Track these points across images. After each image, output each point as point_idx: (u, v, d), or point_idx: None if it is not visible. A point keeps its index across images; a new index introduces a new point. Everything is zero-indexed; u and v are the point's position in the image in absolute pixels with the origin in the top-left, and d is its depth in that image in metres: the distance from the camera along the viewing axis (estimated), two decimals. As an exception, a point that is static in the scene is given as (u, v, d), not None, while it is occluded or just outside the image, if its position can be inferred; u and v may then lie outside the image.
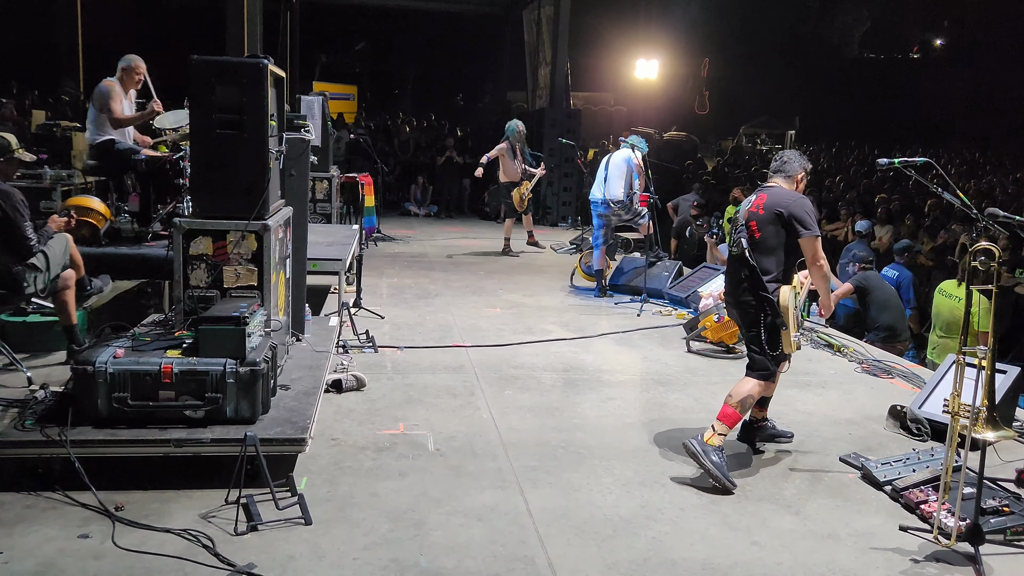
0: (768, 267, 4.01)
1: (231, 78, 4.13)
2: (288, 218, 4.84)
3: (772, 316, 3.97)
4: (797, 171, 4.22)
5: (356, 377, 5.06)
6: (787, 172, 4.22)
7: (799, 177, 4.23)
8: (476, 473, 3.94)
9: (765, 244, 4.02)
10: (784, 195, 4.08)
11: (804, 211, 4.00)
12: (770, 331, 4.00)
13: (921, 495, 3.72)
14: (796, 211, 3.99)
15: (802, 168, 4.25)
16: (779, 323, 3.96)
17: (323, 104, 9.34)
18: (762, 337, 4.02)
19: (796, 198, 4.06)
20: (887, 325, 7.37)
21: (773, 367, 4.07)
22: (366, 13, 25.38)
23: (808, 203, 4.08)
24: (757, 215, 4.07)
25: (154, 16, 23.37)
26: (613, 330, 7.02)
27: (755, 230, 4.06)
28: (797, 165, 4.23)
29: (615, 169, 8.30)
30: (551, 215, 15.12)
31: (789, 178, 4.21)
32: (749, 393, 4.02)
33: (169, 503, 3.43)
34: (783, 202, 4.02)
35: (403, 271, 9.44)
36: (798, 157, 4.27)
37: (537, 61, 17.85)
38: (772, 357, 4.03)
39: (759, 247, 4.04)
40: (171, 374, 3.59)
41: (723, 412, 4.00)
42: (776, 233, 4.02)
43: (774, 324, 3.98)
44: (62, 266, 5.02)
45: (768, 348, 4.01)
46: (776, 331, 3.99)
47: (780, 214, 4.00)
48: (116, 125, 6.06)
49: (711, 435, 3.94)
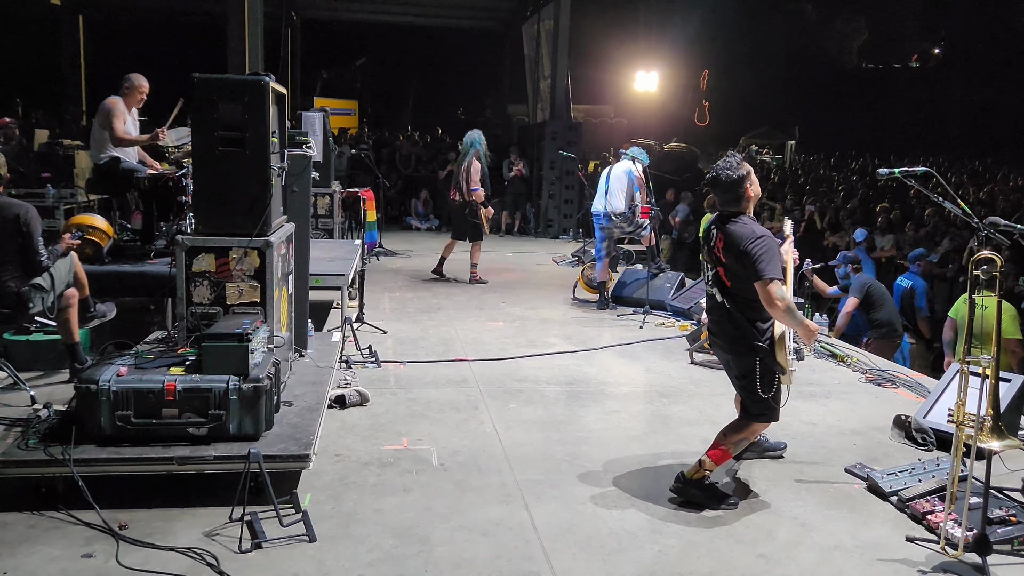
0: (751, 314, 3.67)
1: (233, 96, 4.14)
2: (290, 234, 4.85)
3: (769, 363, 3.68)
4: (744, 184, 3.69)
5: (359, 392, 5.06)
6: (736, 192, 3.70)
7: (747, 188, 3.70)
8: (481, 488, 3.93)
9: (740, 289, 3.67)
10: (741, 234, 3.61)
11: (762, 251, 3.53)
12: (764, 374, 3.69)
13: (928, 505, 3.71)
14: (752, 251, 3.54)
15: (744, 179, 3.68)
16: (777, 371, 3.67)
17: (324, 120, 9.38)
18: (756, 383, 3.71)
19: (751, 236, 3.58)
20: (886, 321, 7.45)
21: (774, 407, 3.77)
22: (366, 29, 25.53)
23: (768, 239, 3.58)
24: (722, 262, 3.72)
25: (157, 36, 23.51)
26: (616, 342, 7.02)
27: (724, 279, 3.73)
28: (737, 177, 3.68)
29: (616, 182, 8.31)
30: (552, 228, 15.15)
31: (739, 199, 3.71)
32: (745, 437, 3.82)
33: (173, 521, 3.43)
34: (742, 245, 3.58)
35: (405, 285, 9.44)
36: (727, 169, 3.70)
37: (537, 74, 17.93)
38: (772, 398, 3.73)
39: (735, 295, 3.70)
40: (174, 392, 3.59)
41: (713, 451, 3.79)
42: (746, 276, 3.61)
43: (770, 370, 3.69)
44: (66, 284, 5.03)
45: (763, 392, 3.70)
46: (772, 375, 3.70)
47: (741, 254, 3.59)
48: (117, 144, 6.09)
49: (696, 471, 3.77)
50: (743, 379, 3.78)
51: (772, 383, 3.71)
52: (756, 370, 3.71)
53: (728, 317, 3.74)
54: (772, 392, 3.73)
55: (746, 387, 3.78)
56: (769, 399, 3.74)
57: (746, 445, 3.93)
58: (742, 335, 3.70)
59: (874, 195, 15.37)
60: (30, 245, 4.73)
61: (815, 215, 13.19)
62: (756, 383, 3.71)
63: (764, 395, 3.72)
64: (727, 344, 3.83)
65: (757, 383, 3.71)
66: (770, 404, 3.75)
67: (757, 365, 3.70)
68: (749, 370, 3.73)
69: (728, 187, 3.72)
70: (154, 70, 6.80)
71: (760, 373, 3.70)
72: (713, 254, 3.78)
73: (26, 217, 4.72)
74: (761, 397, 3.72)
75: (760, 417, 3.80)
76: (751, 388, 3.74)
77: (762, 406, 3.76)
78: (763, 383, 3.71)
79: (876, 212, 12.10)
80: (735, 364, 3.83)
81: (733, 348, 3.80)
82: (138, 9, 22.21)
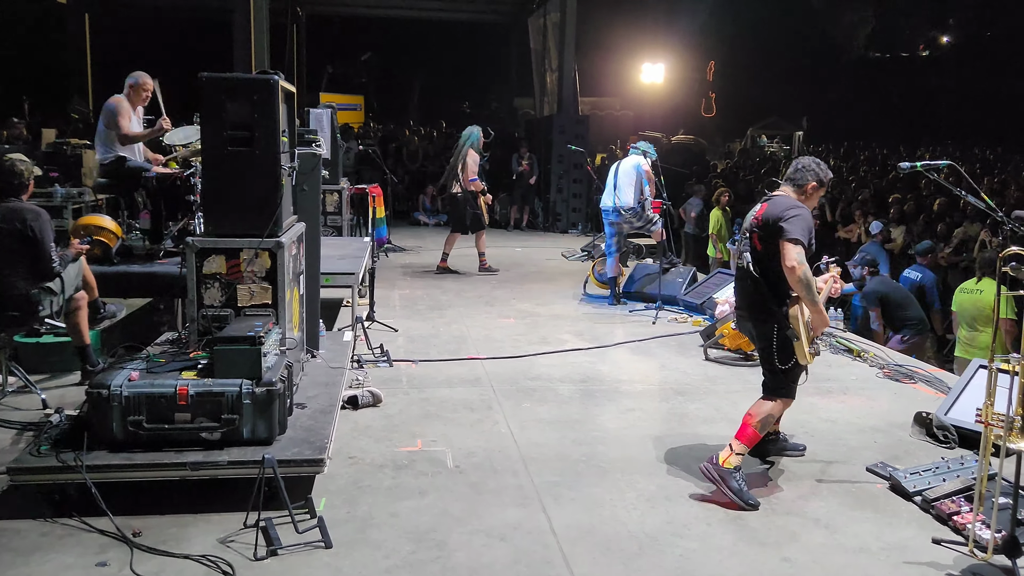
0: (774, 279, 3.81)
1: (242, 95, 4.08)
2: (301, 234, 4.79)
3: (782, 328, 3.78)
4: (808, 181, 3.95)
5: (372, 393, 5.01)
6: (797, 181, 3.97)
7: (809, 187, 3.95)
8: (497, 490, 3.88)
9: (768, 256, 3.82)
10: (783, 204, 3.84)
11: (793, 216, 3.73)
12: (781, 344, 3.81)
13: (953, 506, 3.63)
14: (784, 215, 3.75)
15: (815, 179, 3.95)
16: (790, 335, 3.76)
17: (332, 117, 9.32)
18: (773, 350, 3.83)
19: (791, 206, 3.82)
20: (918, 318, 7.46)
21: (789, 382, 3.90)
22: (371, 23, 25.48)
23: (804, 213, 3.80)
24: (757, 226, 3.87)
25: (162, 34, 23.49)
26: (629, 339, 6.95)
27: (756, 243, 3.88)
28: (810, 175, 3.96)
29: (625, 176, 8.24)
30: (561, 222, 15.07)
31: (799, 188, 3.96)
32: (769, 413, 3.87)
33: (187, 528, 3.38)
34: (778, 211, 3.79)
35: (415, 282, 9.39)
36: (815, 166, 4.00)
37: (544, 67, 17.82)
38: (784, 371, 3.84)
39: (762, 260, 3.85)
40: (187, 396, 3.55)
41: (742, 431, 3.85)
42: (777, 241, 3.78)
43: (785, 337, 3.78)
44: (75, 287, 4.99)
45: (779, 362, 3.82)
46: (788, 343, 3.79)
47: (775, 218, 3.77)
48: (124, 142, 6.04)
49: (727, 455, 3.81)
50: (763, 348, 3.91)
51: (789, 355, 3.80)
52: (774, 338, 3.81)
53: (752, 282, 3.88)
54: (789, 365, 3.82)
55: (765, 357, 3.91)
56: (784, 372, 3.84)
57: (771, 423, 3.96)
58: (763, 300, 3.83)
59: (886, 186, 15.23)
60: (41, 251, 4.69)
61: (825, 207, 13.07)
62: (773, 353, 3.83)
63: (780, 366, 3.82)
64: (749, 311, 3.97)
65: (774, 353, 3.82)
66: (784, 378, 3.86)
67: (775, 333, 3.81)
68: (767, 337, 3.85)
69: (806, 172, 3.96)
70: (160, 68, 6.74)
71: (778, 341, 3.80)
72: (751, 221, 3.94)
73: (38, 223, 4.68)
74: (778, 367, 3.83)
75: (779, 391, 3.89)
76: (769, 358, 3.87)
77: (778, 380, 3.88)
78: (780, 353, 3.82)
79: (889, 203, 11.97)
80: (756, 331, 3.96)
81: (753, 314, 3.93)
82: (144, 7, 22.18)
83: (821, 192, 4.02)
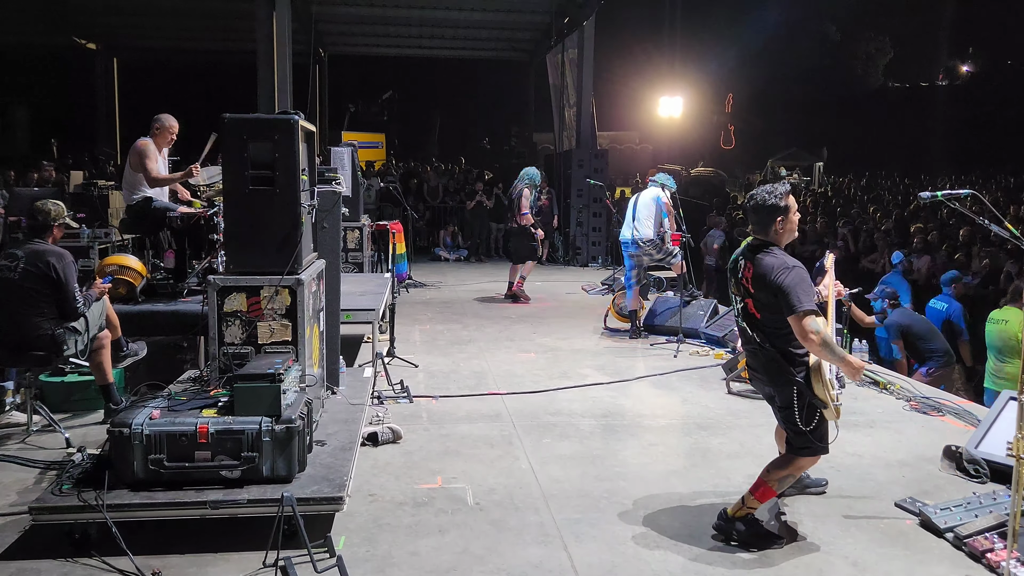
0: (782, 345, 3.52)
1: (263, 134, 4.16)
2: (321, 271, 4.83)
3: (804, 396, 3.50)
4: (773, 221, 3.56)
5: (392, 429, 4.99)
6: (764, 226, 3.59)
7: (778, 223, 3.57)
8: (518, 528, 3.83)
9: (771, 323, 3.53)
10: (769, 266, 3.49)
11: (790, 282, 3.39)
12: (805, 408, 3.52)
13: (987, 543, 3.54)
14: (783, 284, 3.41)
15: (775, 212, 3.55)
16: (817, 404, 3.48)
17: (353, 155, 9.43)
18: (795, 414, 3.53)
19: (780, 267, 3.45)
20: (943, 350, 7.35)
21: (816, 440, 3.58)
22: (392, 63, 25.87)
23: (797, 271, 3.45)
24: (751, 293, 3.58)
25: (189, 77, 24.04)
26: (650, 372, 6.90)
27: (754, 311, 3.58)
28: (768, 212, 3.55)
29: (644, 209, 8.25)
30: (581, 256, 15.07)
31: (766, 229, 3.61)
32: (790, 473, 3.65)
33: (207, 567, 3.37)
34: (771, 276, 3.46)
35: (435, 317, 9.40)
36: (765, 196, 3.59)
37: (562, 103, 17.98)
38: (813, 431, 3.54)
39: (764, 327, 3.55)
40: (207, 434, 3.56)
41: (758, 487, 3.64)
42: (777, 307, 3.47)
43: (811, 404, 3.51)
44: (99, 327, 5.05)
45: (803, 424, 3.52)
46: (813, 407, 3.52)
47: (770, 286, 3.46)
48: (152, 184, 6.15)
49: (739, 509, 3.64)
50: (784, 410, 3.61)
51: (813, 416, 3.53)
52: (795, 402, 3.53)
53: (761, 351, 3.60)
54: (813, 425, 3.54)
55: (787, 419, 3.61)
56: (809, 432, 3.54)
57: (791, 482, 3.77)
58: (779, 368, 3.55)
59: (909, 216, 15.10)
60: (66, 292, 4.76)
61: (848, 238, 12.98)
62: (795, 415, 3.54)
63: (805, 428, 3.53)
64: (766, 377, 3.68)
65: (796, 415, 3.53)
66: (811, 438, 3.56)
67: (795, 397, 3.53)
68: (789, 402, 3.55)
69: (762, 211, 3.60)
70: (187, 110, 6.89)
71: (799, 405, 3.52)
72: (742, 285, 3.65)
73: (60, 264, 4.76)
74: (802, 430, 3.54)
75: (804, 451, 3.63)
76: (791, 420, 3.56)
77: (804, 439, 3.57)
78: (803, 415, 3.52)
79: (912, 233, 11.86)
80: (777, 395, 3.67)
81: (772, 381, 3.64)
82: (171, 51, 22.73)
83: (788, 214, 3.60)
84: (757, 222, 3.65)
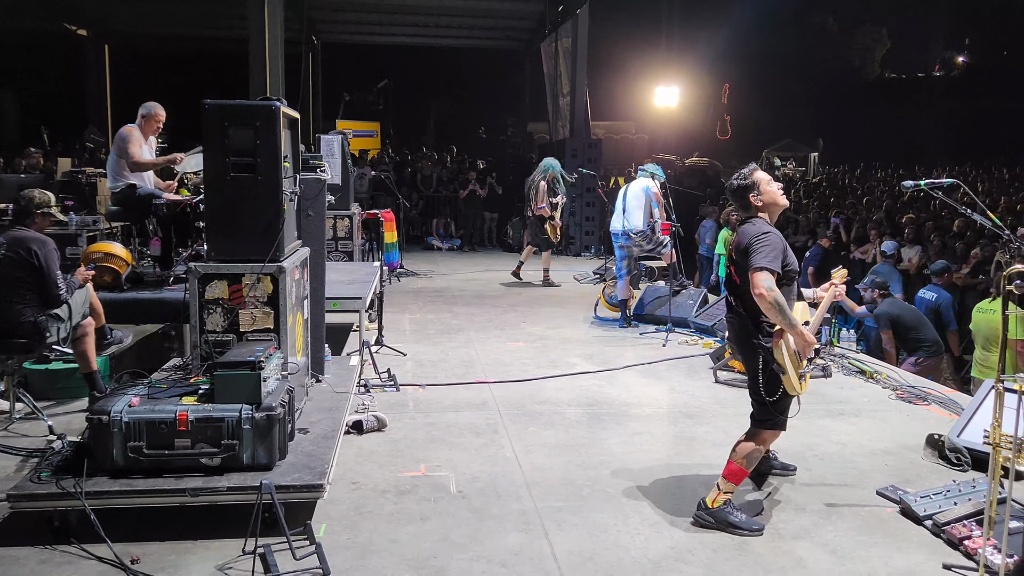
0: (755, 312, 3.62)
1: (244, 121, 4.12)
2: (305, 258, 4.81)
3: (768, 363, 3.61)
4: (747, 197, 3.77)
5: (377, 417, 4.99)
6: (741, 203, 3.84)
7: (754, 201, 3.77)
8: (500, 515, 3.84)
9: (746, 289, 3.61)
10: (748, 233, 3.67)
11: (759, 244, 3.57)
12: (768, 377, 3.64)
13: (964, 530, 3.55)
14: (751, 245, 3.59)
15: (748, 192, 3.77)
16: (776, 370, 3.58)
17: (343, 143, 9.38)
18: (760, 383, 3.67)
19: (756, 234, 3.63)
20: (932, 340, 7.36)
21: (777, 414, 3.69)
22: (387, 51, 25.76)
23: (771, 237, 3.61)
24: (735, 260, 3.75)
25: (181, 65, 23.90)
26: (638, 361, 6.90)
27: (735, 277, 3.74)
28: (743, 193, 3.78)
29: (634, 199, 8.24)
30: (574, 245, 15.06)
31: (747, 207, 3.81)
32: (756, 448, 3.72)
33: (186, 554, 3.37)
34: (745, 241, 3.64)
35: (425, 306, 9.39)
36: (739, 181, 3.82)
37: (557, 92, 17.92)
38: (772, 403, 3.65)
39: (743, 293, 3.68)
40: (187, 422, 3.55)
41: (728, 469, 3.73)
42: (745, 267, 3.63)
43: (772, 371, 3.61)
44: (82, 315, 5.03)
45: (767, 394, 3.64)
46: (775, 376, 3.61)
47: (744, 249, 3.62)
48: (134, 169, 6.12)
49: (715, 496, 3.71)
50: (751, 381, 3.75)
51: (776, 388, 3.63)
52: (760, 371, 3.67)
53: (736, 316, 3.77)
54: (776, 397, 3.65)
55: (752, 388, 3.75)
56: (771, 404, 3.66)
57: (759, 458, 3.80)
58: (747, 335, 3.70)
59: (901, 206, 15.11)
60: (47, 278, 4.74)
61: (840, 228, 12.98)
62: (760, 384, 3.67)
63: (768, 398, 3.65)
64: (736, 343, 3.89)
65: (760, 385, 3.67)
66: (772, 410, 3.68)
67: (760, 365, 3.66)
68: (754, 369, 3.71)
69: (737, 193, 3.87)
70: (179, 97, 6.85)
71: (764, 373, 3.66)
72: (731, 256, 3.84)
73: (43, 251, 4.74)
74: (765, 400, 3.66)
75: (765, 423, 3.74)
76: (756, 390, 3.71)
77: (765, 411, 3.70)
78: (767, 385, 3.65)
79: (903, 224, 11.86)
80: (746, 365, 3.82)
81: (741, 347, 3.83)
82: (163, 38, 22.59)
83: (770, 189, 3.79)
84: (739, 205, 3.91)
